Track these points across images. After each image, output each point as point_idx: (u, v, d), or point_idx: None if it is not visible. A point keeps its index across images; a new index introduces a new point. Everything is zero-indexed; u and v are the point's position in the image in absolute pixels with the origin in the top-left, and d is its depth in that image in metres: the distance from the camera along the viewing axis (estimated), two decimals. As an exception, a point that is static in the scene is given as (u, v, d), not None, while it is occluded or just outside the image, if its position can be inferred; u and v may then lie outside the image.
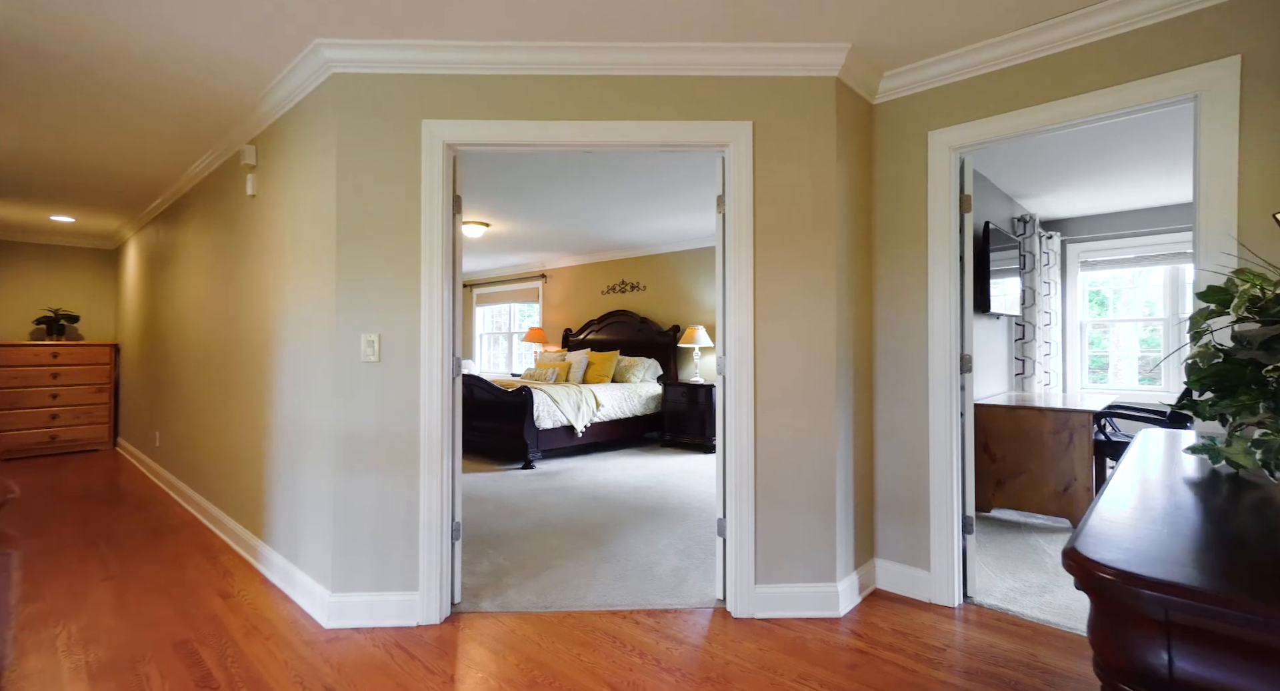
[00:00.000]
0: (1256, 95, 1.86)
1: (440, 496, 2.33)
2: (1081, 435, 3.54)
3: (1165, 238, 5.45)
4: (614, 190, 4.64)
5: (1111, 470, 4.33)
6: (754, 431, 2.42)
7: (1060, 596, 2.54)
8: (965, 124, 2.41)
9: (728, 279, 2.46)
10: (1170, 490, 0.86)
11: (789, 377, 2.43)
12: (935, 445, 2.51)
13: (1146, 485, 0.90)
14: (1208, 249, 1.93)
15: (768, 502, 2.42)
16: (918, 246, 2.57)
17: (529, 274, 8.79)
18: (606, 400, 5.90)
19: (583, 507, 3.95)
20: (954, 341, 2.48)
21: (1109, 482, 0.91)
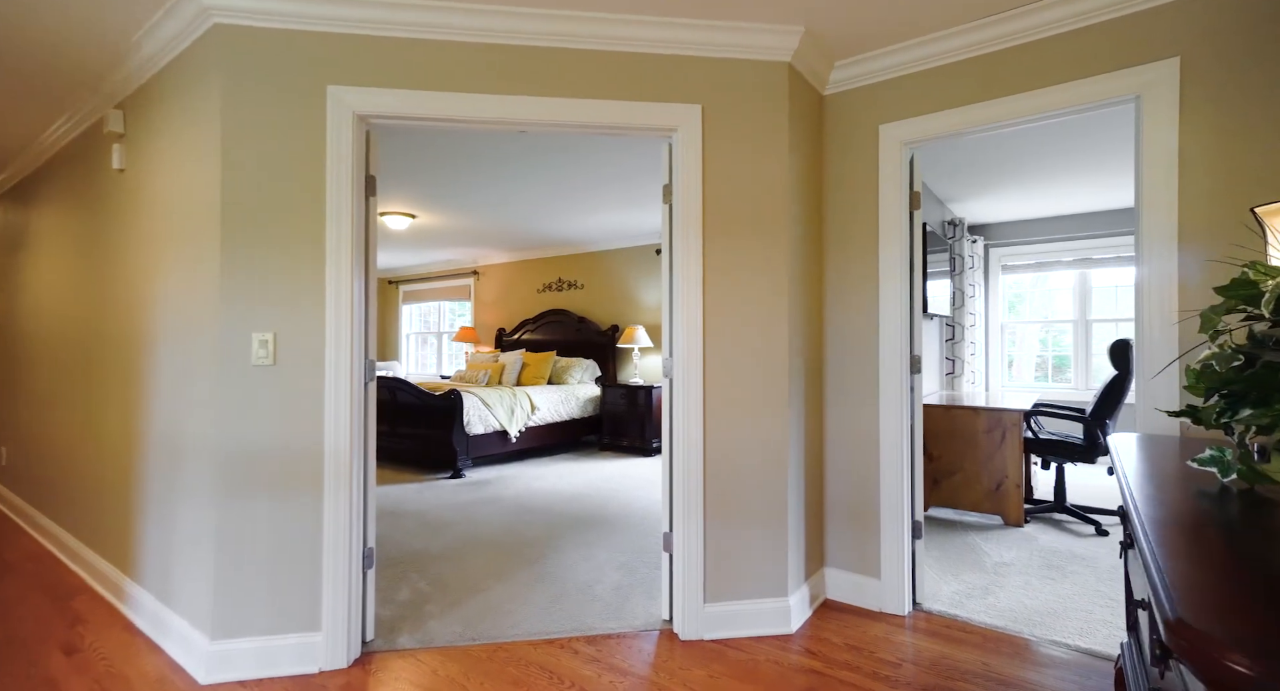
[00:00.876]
0: (1194, 97, 1.87)
1: (349, 519, 2.02)
2: (1013, 433, 3.62)
3: (1075, 243, 5.76)
4: (551, 182, 4.38)
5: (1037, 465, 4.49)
6: (703, 438, 2.26)
7: (1002, 598, 2.53)
8: (917, 118, 2.35)
9: (675, 274, 2.29)
10: (1227, 528, 0.73)
11: (740, 380, 2.28)
12: (886, 448, 2.43)
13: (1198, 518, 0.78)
14: (1151, 249, 1.93)
15: (718, 515, 2.26)
16: (868, 244, 2.49)
17: (460, 271, 8.34)
18: (542, 403, 5.63)
19: (516, 520, 3.67)
20: (904, 342, 2.42)
21: (1146, 520, 0.77)
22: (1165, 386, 1.90)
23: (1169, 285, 1.90)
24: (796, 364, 2.36)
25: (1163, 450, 1.26)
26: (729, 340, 2.28)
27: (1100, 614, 2.39)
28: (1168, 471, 0.98)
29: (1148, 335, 1.93)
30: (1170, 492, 0.89)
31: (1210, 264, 1.84)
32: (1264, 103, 1.77)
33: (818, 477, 2.56)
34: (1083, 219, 5.68)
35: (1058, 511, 3.69)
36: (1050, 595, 2.56)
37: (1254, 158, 1.79)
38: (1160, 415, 1.90)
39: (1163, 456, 1.18)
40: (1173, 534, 0.70)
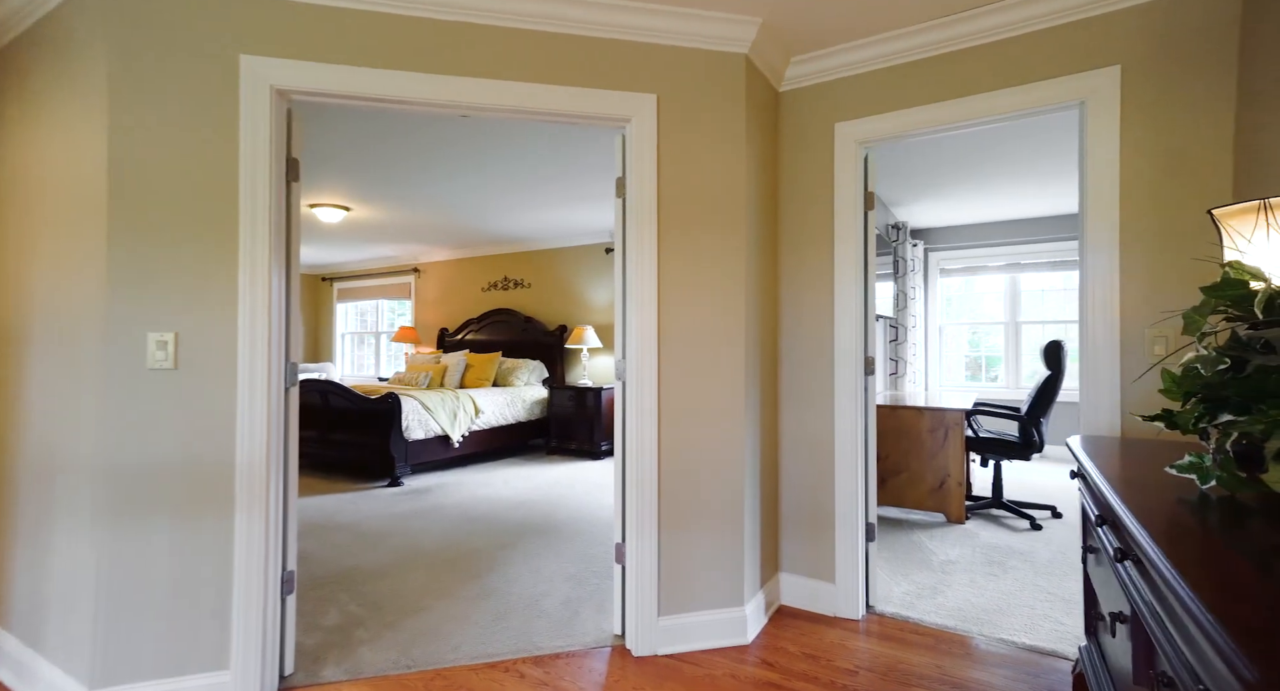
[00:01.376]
0: (1134, 104, 1.92)
1: (265, 541, 1.81)
2: (955, 432, 3.70)
3: (1007, 248, 6.02)
4: (496, 176, 4.19)
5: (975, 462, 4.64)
6: (657, 444, 2.16)
7: (950, 597, 2.56)
8: (872, 117, 2.33)
9: (628, 272, 2.18)
10: (1239, 544, 0.69)
11: (696, 382, 2.20)
12: (841, 451, 2.41)
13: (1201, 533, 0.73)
14: (1094, 253, 1.97)
15: (673, 523, 2.16)
16: (824, 244, 2.46)
17: (400, 268, 7.96)
18: (487, 406, 5.41)
19: (458, 530, 3.47)
20: (859, 343, 2.40)
21: (1152, 539, 0.72)
22: (1109, 392, 1.94)
23: (1111, 287, 1.94)
24: (753, 365, 2.30)
25: (1127, 454, 1.24)
26: (685, 341, 2.19)
27: (1042, 609, 2.44)
28: (1144, 479, 0.94)
29: (1090, 336, 1.97)
30: (1153, 500, 0.84)
31: (1150, 266, 1.89)
32: (1198, 110, 1.83)
33: (772, 482, 2.52)
34: (1014, 225, 5.94)
35: (995, 507, 3.81)
36: (995, 592, 2.61)
37: (1188, 163, 1.84)
38: (1101, 415, 1.94)
39: (1134, 462, 1.16)
40: (1186, 554, 0.65)
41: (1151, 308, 1.89)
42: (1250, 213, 1.09)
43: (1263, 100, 1.63)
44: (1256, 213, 1.08)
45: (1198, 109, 1.83)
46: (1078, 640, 2.18)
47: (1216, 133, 1.81)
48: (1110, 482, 0.91)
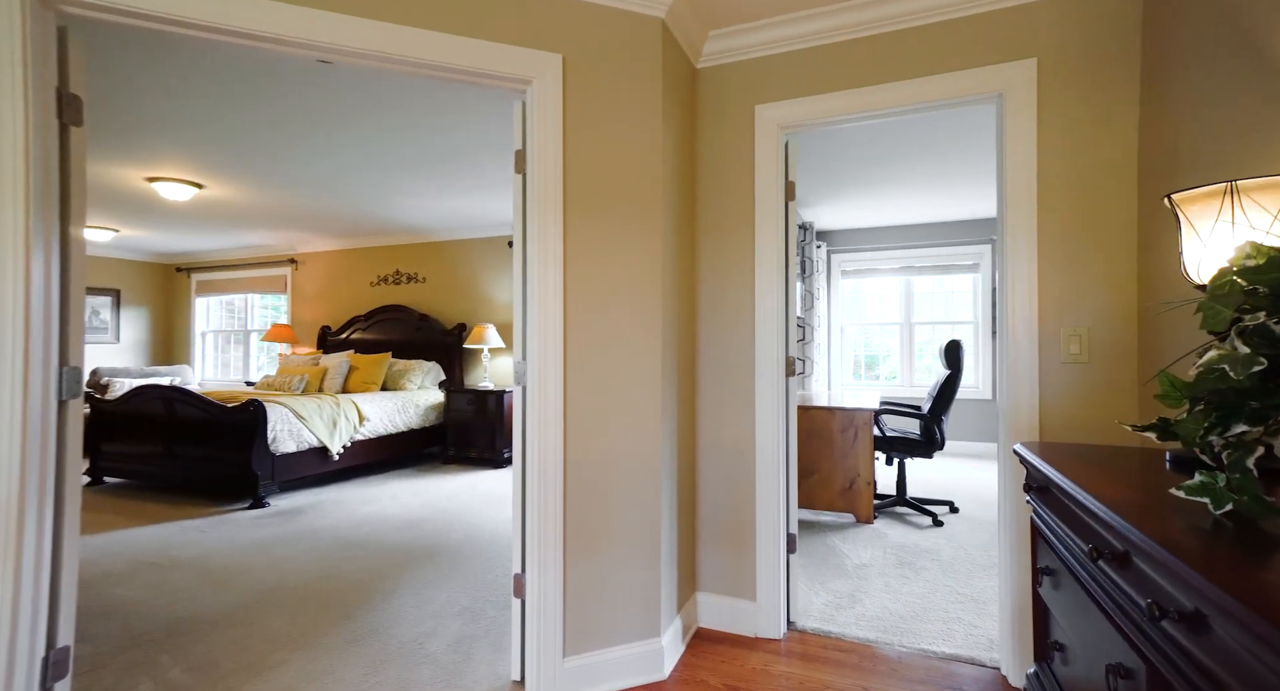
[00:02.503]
0: (1050, 99, 1.89)
1: (14, 610, 1.33)
2: (864, 432, 3.71)
3: (901, 252, 6.30)
4: (381, 153, 3.71)
5: (879, 461, 4.77)
6: (563, 458, 1.88)
7: (869, 605, 2.48)
8: (795, 100, 2.19)
9: (529, 260, 1.88)
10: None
11: (608, 386, 1.94)
12: (762, 458, 2.24)
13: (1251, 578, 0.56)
14: (1015, 252, 1.92)
15: (580, 547, 1.89)
16: (744, 235, 2.29)
17: (274, 258, 7.08)
18: (373, 412, 4.84)
19: (332, 559, 2.99)
20: (780, 342, 2.25)
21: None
22: (1028, 392, 1.90)
23: (1030, 287, 1.90)
24: (670, 367, 2.07)
25: (1096, 465, 1.12)
26: (595, 339, 1.93)
27: (955, 612, 2.41)
28: (1149, 503, 0.79)
29: (1010, 336, 1.92)
30: (1190, 538, 0.68)
31: (1067, 265, 1.87)
32: (1111, 106, 1.83)
33: (690, 494, 2.31)
34: (909, 230, 6.21)
35: (900, 505, 3.87)
36: (910, 596, 2.57)
37: (1102, 159, 1.84)
38: (1021, 416, 1.90)
39: (1112, 476, 1.03)
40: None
41: (1067, 306, 1.87)
42: (1214, 197, 1.00)
43: (1165, 88, 1.63)
44: (1221, 197, 0.98)
45: (1111, 105, 1.83)
46: (991, 643, 2.15)
47: (1127, 127, 1.81)
48: (1117, 510, 0.74)
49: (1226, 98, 1.39)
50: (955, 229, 6.04)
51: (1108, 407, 1.82)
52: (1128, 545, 0.73)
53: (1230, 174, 1.38)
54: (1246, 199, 0.96)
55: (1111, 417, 1.81)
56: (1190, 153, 1.53)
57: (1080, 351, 1.84)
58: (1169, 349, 1.64)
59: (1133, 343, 1.80)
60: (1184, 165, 1.57)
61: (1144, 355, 1.77)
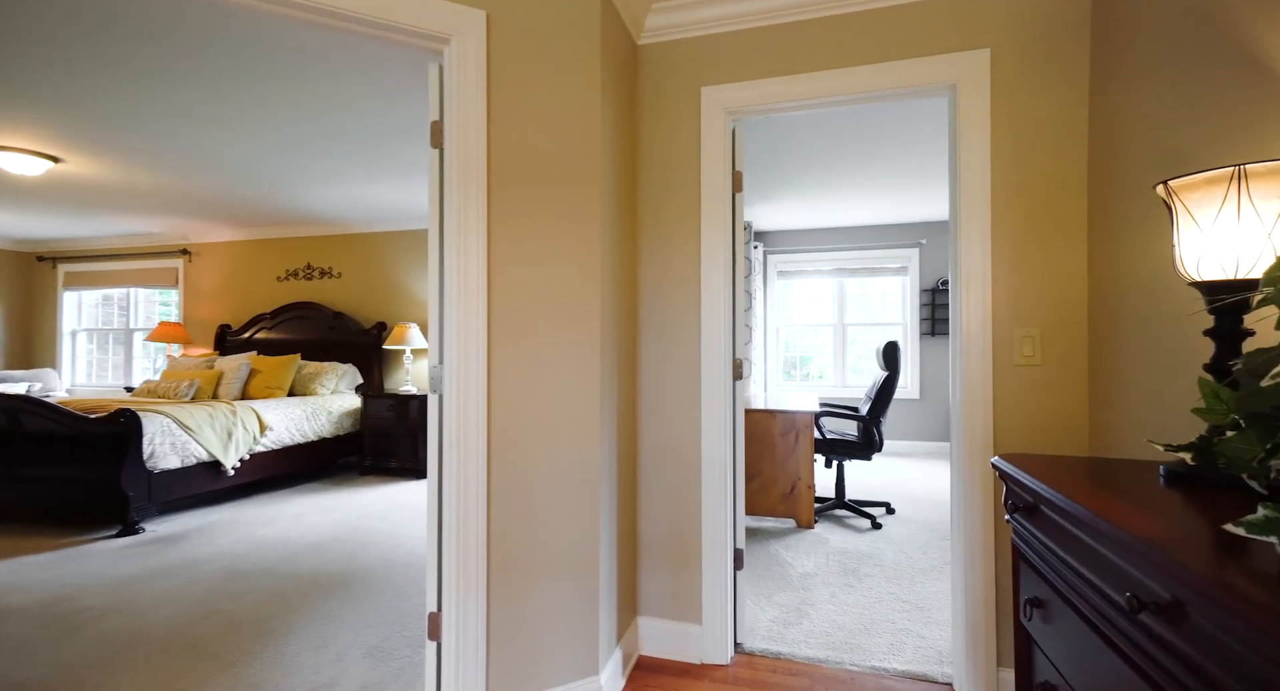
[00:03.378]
0: (1003, 91, 1.83)
1: None
2: (805, 435, 3.65)
3: (836, 254, 6.38)
4: (288, 134, 3.29)
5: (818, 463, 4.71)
6: (487, 477, 1.63)
7: (816, 620, 2.37)
8: (744, 83, 2.03)
9: (448, 248, 1.63)
10: None
11: (540, 393, 1.71)
12: (708, 467, 2.08)
13: None
14: (969, 251, 1.85)
15: (507, 579, 1.65)
16: (689, 227, 2.12)
17: (163, 248, 6.33)
18: (277, 420, 4.35)
19: (216, 596, 2.58)
20: (728, 343, 2.09)
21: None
22: (983, 396, 1.82)
23: (984, 286, 1.83)
24: (610, 370, 1.86)
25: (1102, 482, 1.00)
26: (525, 340, 1.69)
27: (902, 622, 2.34)
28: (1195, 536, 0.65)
29: (966, 338, 1.84)
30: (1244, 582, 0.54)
31: (1019, 264, 1.80)
32: (1064, 100, 1.78)
33: (631, 509, 2.11)
34: (843, 232, 6.30)
35: (839, 508, 3.83)
36: (856, 607, 2.48)
37: (1058, 154, 1.79)
38: (977, 420, 1.82)
39: (1130, 498, 0.90)
40: None
41: (1020, 307, 1.81)
42: (1218, 184, 0.90)
43: (1115, 79, 1.59)
44: (1227, 184, 0.88)
45: (1063, 97, 1.78)
46: (941, 657, 2.08)
47: (1079, 121, 1.77)
48: (1164, 551, 0.60)
49: (1185, 85, 1.34)
50: (887, 232, 6.17)
51: (1060, 412, 1.77)
52: (1185, 596, 0.59)
53: (1187, 165, 1.32)
54: (1256, 185, 0.86)
55: (1065, 422, 1.76)
56: (1141, 145, 1.48)
57: (1033, 354, 1.79)
58: (1120, 351, 1.60)
59: (1083, 345, 1.76)
60: (1135, 158, 1.52)
61: (1094, 358, 1.73)
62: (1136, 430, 1.52)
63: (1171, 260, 1.37)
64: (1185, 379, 1.32)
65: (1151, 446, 1.45)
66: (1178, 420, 1.35)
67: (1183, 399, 1.33)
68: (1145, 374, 1.48)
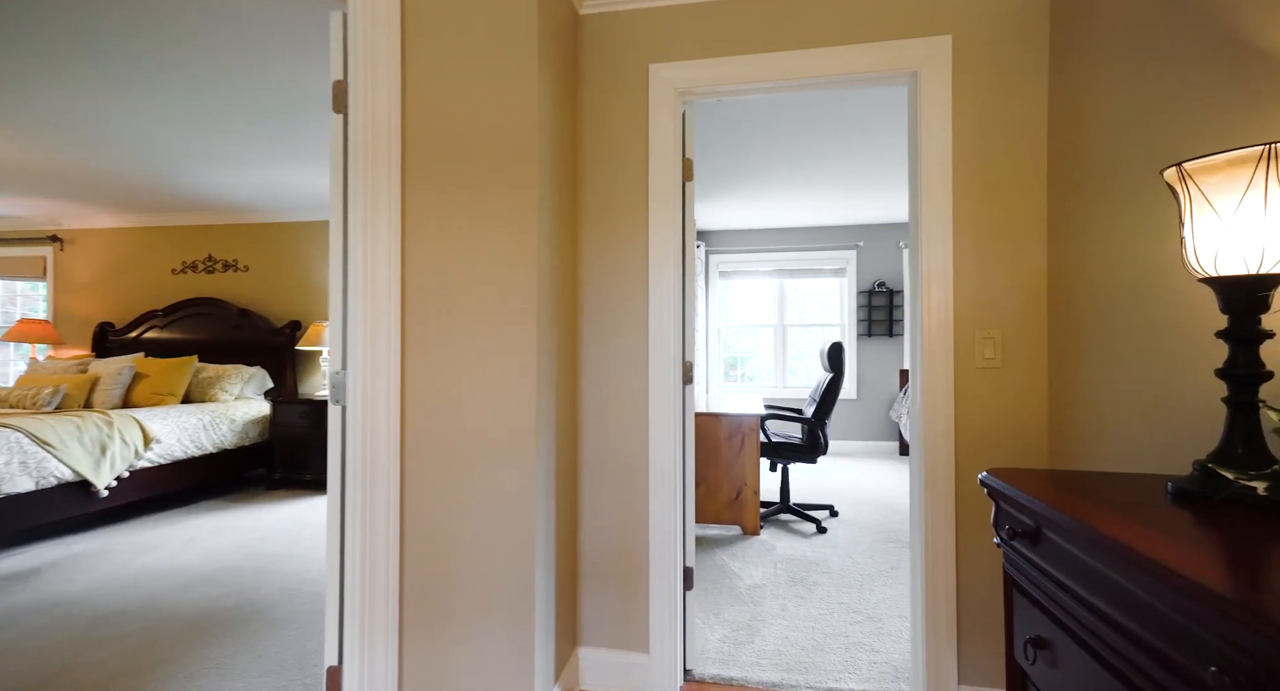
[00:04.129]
0: (965, 80, 1.75)
1: None
2: (751, 439, 3.55)
3: (777, 254, 6.38)
4: (177, 103, 2.85)
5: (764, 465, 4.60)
6: (400, 501, 1.38)
7: (768, 638, 2.24)
8: (696, 61, 1.87)
9: (353, 229, 1.37)
10: None
11: (466, 402, 1.47)
12: (656, 480, 1.90)
13: None
14: (931, 248, 1.76)
15: (425, 621, 1.41)
16: (637, 219, 1.93)
17: (25, 233, 5.54)
18: (167, 431, 3.84)
19: (76, 645, 2.17)
20: (677, 346, 1.92)
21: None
22: (944, 400, 1.73)
23: (946, 285, 1.74)
24: (548, 375, 1.65)
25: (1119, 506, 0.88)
26: (448, 342, 1.45)
27: (855, 636, 2.25)
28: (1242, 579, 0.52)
29: (927, 339, 1.75)
30: None
31: (980, 262, 1.73)
32: (1026, 90, 1.71)
33: (571, 529, 1.90)
34: (784, 233, 6.31)
35: (784, 512, 3.76)
36: (808, 620, 2.37)
37: (1013, 144, 1.72)
38: (938, 424, 1.73)
39: (1131, 517, 0.78)
40: None
41: (980, 307, 1.73)
42: (1243, 166, 0.79)
43: (1076, 62, 1.53)
44: (1254, 166, 0.78)
45: (1024, 88, 1.71)
46: (897, 672, 1.99)
47: (1040, 112, 1.71)
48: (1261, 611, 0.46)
49: (1156, 71, 1.27)
50: (826, 234, 6.23)
51: (1021, 417, 1.70)
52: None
53: (1158, 160, 1.26)
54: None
55: (1027, 426, 1.70)
56: (1106, 136, 1.42)
57: (994, 356, 1.71)
58: (1078, 353, 1.54)
59: (1042, 346, 1.70)
60: (1097, 151, 1.46)
61: (1053, 360, 1.67)
62: (1099, 436, 1.45)
63: (1137, 256, 1.30)
64: (1152, 381, 1.26)
65: (1113, 454, 1.39)
66: (1143, 425, 1.28)
67: (1150, 402, 1.26)
68: (1107, 376, 1.42)
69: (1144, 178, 1.30)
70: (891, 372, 6.04)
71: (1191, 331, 1.16)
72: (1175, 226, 1.20)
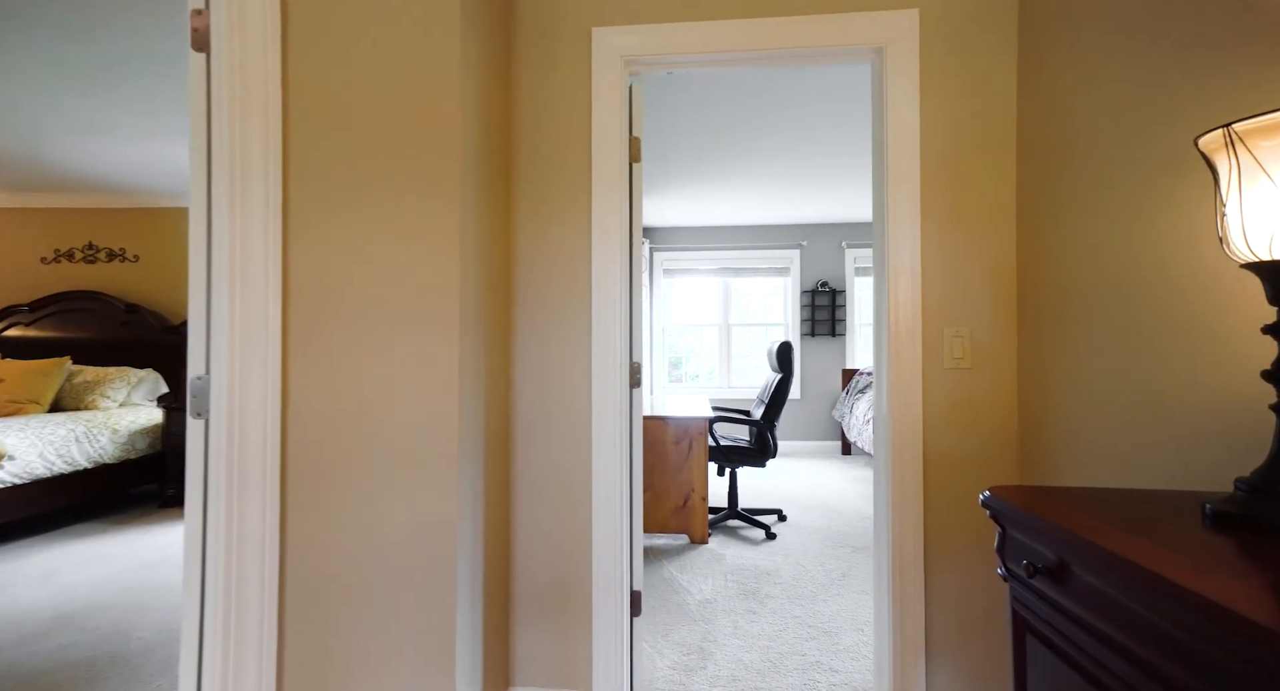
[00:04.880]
0: (933, 59, 1.63)
1: None
2: (700, 443, 3.39)
3: (722, 253, 6.30)
4: (35, 54, 2.38)
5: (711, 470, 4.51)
6: (280, 533, 1.11)
7: (722, 662, 2.06)
8: (643, 26, 1.67)
9: (216, 198, 1.08)
10: None
11: (371, 413, 1.21)
12: (601, 494, 1.68)
13: None
14: (898, 240, 1.62)
15: (315, 674, 1.13)
16: (578, 204, 1.71)
17: None
18: (24, 445, 3.29)
19: None
20: (624, 343, 1.71)
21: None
22: (912, 403, 1.61)
23: (914, 280, 1.61)
24: (474, 381, 1.40)
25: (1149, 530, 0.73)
26: (347, 345, 1.19)
27: (812, 653, 2.11)
28: None
29: (894, 338, 1.62)
30: None
31: (949, 254, 1.61)
32: (993, 68, 1.61)
33: (502, 556, 1.66)
34: (729, 231, 6.22)
35: (732, 518, 3.63)
36: (762, 638, 2.22)
37: (983, 129, 1.61)
38: (907, 428, 1.60)
39: (1174, 545, 0.63)
40: None
41: (949, 304, 1.62)
42: (1309, 129, 0.65)
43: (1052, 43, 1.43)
44: (1323, 128, 0.64)
45: (993, 67, 1.61)
46: (856, 689, 1.86)
47: (1010, 94, 1.61)
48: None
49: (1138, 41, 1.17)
50: (770, 233, 6.19)
51: (991, 421, 1.60)
52: None
53: (1144, 140, 1.16)
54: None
55: (999, 434, 1.59)
56: (1080, 120, 1.32)
57: (963, 356, 1.60)
58: (1048, 353, 1.44)
59: (1012, 345, 1.60)
60: (1073, 135, 1.36)
61: (1023, 360, 1.57)
62: (1073, 443, 1.35)
63: (1125, 247, 1.20)
64: (1128, 380, 1.16)
65: (1090, 464, 1.29)
66: (1123, 433, 1.18)
67: (1132, 406, 1.16)
68: (1084, 379, 1.32)
69: (1127, 160, 1.20)
70: (834, 372, 6.07)
71: (1187, 328, 1.06)
72: (1167, 212, 1.10)
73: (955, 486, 1.59)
